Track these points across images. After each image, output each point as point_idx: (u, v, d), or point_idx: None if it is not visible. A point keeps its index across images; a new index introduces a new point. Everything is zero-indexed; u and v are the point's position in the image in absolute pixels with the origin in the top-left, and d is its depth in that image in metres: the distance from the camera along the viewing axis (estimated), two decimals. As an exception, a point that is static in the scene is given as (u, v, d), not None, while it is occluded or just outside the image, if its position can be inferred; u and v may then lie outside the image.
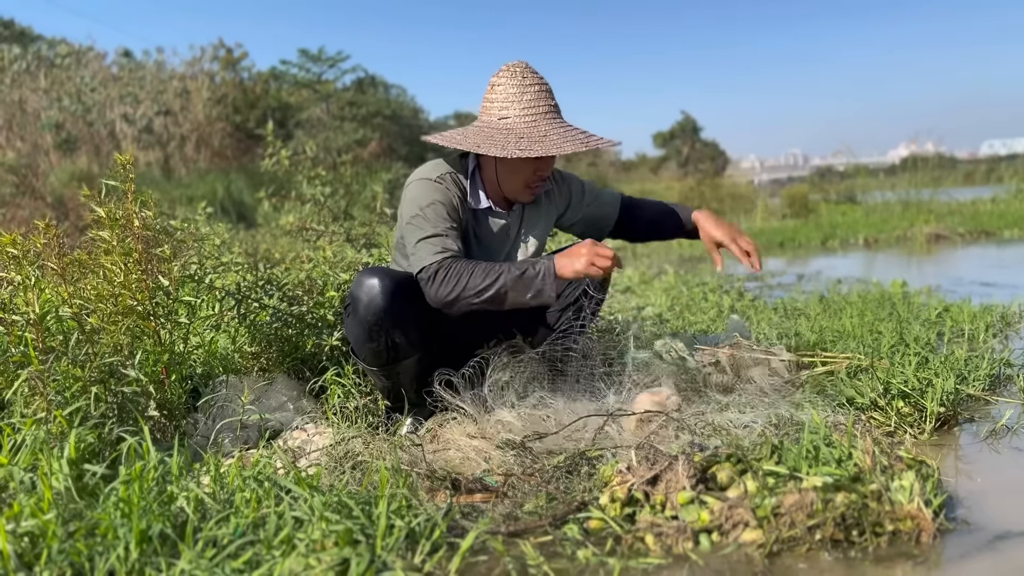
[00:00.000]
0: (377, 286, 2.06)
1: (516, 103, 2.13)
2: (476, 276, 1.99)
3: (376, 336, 2.10)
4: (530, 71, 2.16)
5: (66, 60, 18.59)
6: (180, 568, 1.29)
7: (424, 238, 2.07)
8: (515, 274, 2.00)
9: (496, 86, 2.16)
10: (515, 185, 2.22)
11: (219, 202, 12.15)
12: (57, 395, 1.83)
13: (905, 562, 1.41)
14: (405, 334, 2.12)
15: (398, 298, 2.07)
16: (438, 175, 2.19)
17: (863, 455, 1.58)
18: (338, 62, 25.81)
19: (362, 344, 2.12)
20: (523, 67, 2.16)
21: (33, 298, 1.89)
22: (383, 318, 2.07)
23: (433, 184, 2.17)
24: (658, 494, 1.59)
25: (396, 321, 2.09)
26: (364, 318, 2.07)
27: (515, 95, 2.13)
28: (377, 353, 2.13)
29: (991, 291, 4.74)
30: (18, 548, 1.38)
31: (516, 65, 2.17)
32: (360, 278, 2.10)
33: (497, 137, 2.09)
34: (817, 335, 3.11)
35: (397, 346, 2.13)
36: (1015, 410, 2.27)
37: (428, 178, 2.18)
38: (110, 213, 2.07)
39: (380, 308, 2.05)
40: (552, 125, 2.12)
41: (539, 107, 2.13)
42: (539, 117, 2.12)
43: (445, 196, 2.15)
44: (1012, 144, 63.48)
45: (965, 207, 11.84)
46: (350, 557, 1.33)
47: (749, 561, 1.42)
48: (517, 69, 2.16)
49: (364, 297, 2.06)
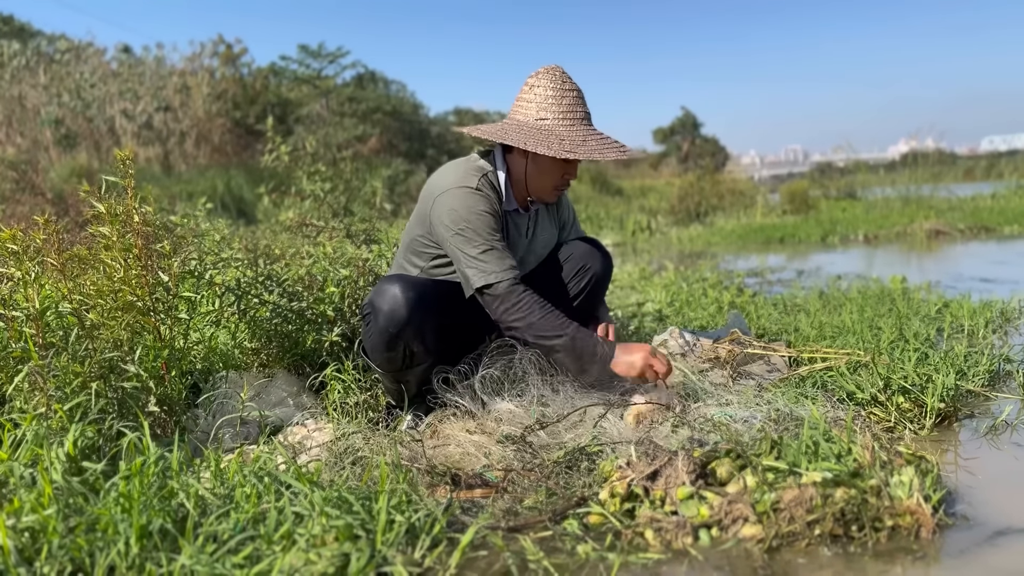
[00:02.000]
0: (400, 297, 2.08)
1: (555, 106, 2.18)
2: (545, 322, 2.07)
3: (395, 346, 2.12)
4: (567, 76, 2.22)
5: (66, 56, 18.56)
6: (181, 563, 1.29)
7: (484, 251, 2.11)
8: (577, 342, 2.07)
9: (535, 87, 2.20)
10: (544, 186, 2.28)
11: (219, 198, 12.14)
12: (57, 390, 1.83)
13: (904, 557, 1.41)
14: (423, 343, 2.15)
15: (419, 309, 2.10)
16: (478, 182, 2.20)
17: (863, 450, 1.58)
18: (338, 58, 25.79)
19: (380, 352, 2.15)
20: (561, 72, 2.22)
21: (33, 294, 1.89)
22: (404, 329, 2.09)
23: (475, 194, 2.18)
24: (658, 489, 1.59)
25: (416, 332, 2.12)
26: (385, 328, 2.09)
27: (554, 98, 2.18)
28: (392, 360, 2.16)
29: (991, 287, 4.74)
30: (19, 543, 1.38)
31: (555, 69, 2.22)
32: (382, 287, 2.12)
33: (540, 137, 2.14)
34: (817, 331, 3.11)
35: (414, 355, 2.16)
36: (1015, 406, 2.27)
37: (469, 186, 2.18)
38: (110, 209, 2.07)
39: (402, 319, 2.08)
40: (589, 131, 2.19)
41: (576, 112, 2.19)
42: (576, 122, 2.18)
43: (490, 206, 2.19)
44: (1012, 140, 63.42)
45: (965, 203, 11.84)
46: (350, 552, 1.33)
47: (748, 556, 1.43)
48: (556, 73, 2.21)
49: (385, 307, 2.08)
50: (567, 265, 2.46)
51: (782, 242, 9.26)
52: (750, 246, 9.06)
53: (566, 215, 2.59)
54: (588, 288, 2.44)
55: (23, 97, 16.02)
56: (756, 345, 2.68)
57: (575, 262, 2.46)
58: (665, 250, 9.13)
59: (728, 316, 3.53)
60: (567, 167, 2.24)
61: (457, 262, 2.15)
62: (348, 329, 2.71)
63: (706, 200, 14.12)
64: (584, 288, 2.44)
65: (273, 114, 17.91)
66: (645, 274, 6.11)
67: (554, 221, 2.54)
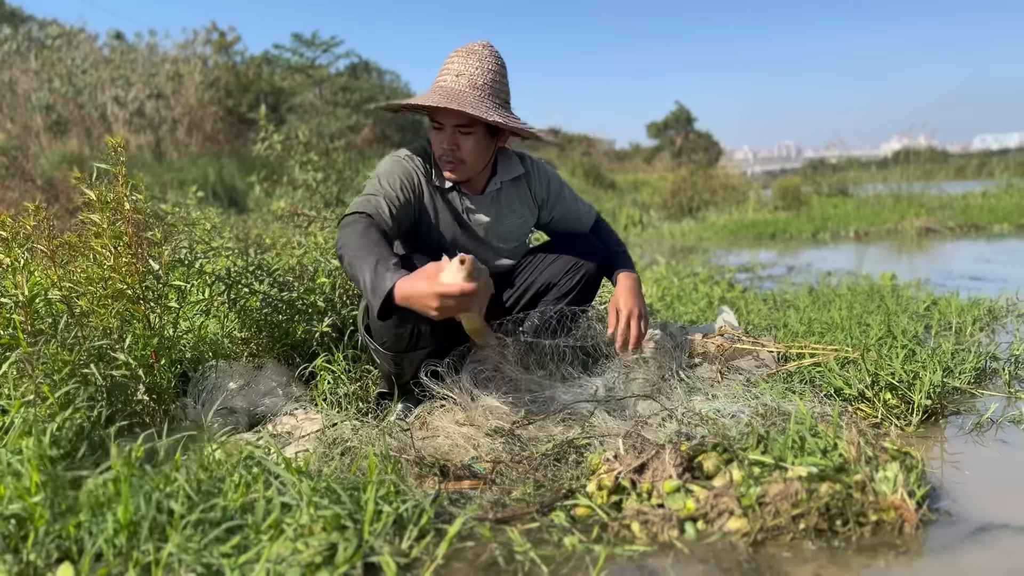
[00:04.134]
0: None
1: (442, 71, 2.19)
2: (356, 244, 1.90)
3: (406, 321, 2.07)
4: (477, 48, 2.19)
5: (57, 41, 18.41)
6: (168, 551, 1.29)
7: (371, 195, 2.12)
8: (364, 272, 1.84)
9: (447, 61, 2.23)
10: (437, 158, 2.25)
11: (210, 186, 12.07)
12: (46, 378, 1.83)
13: (888, 552, 1.42)
14: (431, 324, 2.13)
15: None
16: (406, 154, 2.27)
17: (848, 446, 1.59)
18: (332, 47, 25.65)
19: (389, 328, 2.10)
20: (473, 44, 2.20)
21: (22, 280, 1.88)
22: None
23: (395, 158, 2.25)
24: (645, 482, 1.60)
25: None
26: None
27: (445, 64, 2.20)
28: (400, 338, 2.12)
29: (980, 285, 4.77)
30: (5, 530, 1.38)
31: (475, 44, 2.20)
32: None
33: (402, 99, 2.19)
34: (806, 327, 3.13)
35: (421, 335, 2.13)
36: (1000, 403, 2.29)
37: (396, 155, 2.27)
38: (101, 196, 2.06)
39: None
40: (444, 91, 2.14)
41: (449, 71, 2.17)
42: (443, 81, 2.17)
43: (403, 168, 2.21)
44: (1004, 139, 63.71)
45: (956, 201, 11.89)
46: (338, 542, 1.34)
47: (733, 549, 1.44)
48: (467, 45, 2.20)
49: None
50: (559, 261, 2.42)
51: (773, 238, 9.29)
52: (742, 241, 9.08)
53: (543, 193, 2.46)
54: (580, 285, 2.41)
55: (14, 82, 15.90)
56: (745, 340, 2.69)
57: (567, 258, 2.42)
58: (657, 244, 9.14)
59: (718, 311, 3.54)
60: (437, 136, 2.19)
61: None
62: (339, 320, 2.71)
63: (699, 195, 14.14)
64: (576, 285, 2.41)
65: (266, 103, 17.81)
66: (636, 268, 6.11)
67: (528, 202, 2.44)
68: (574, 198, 2.56)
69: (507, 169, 2.39)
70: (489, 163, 2.31)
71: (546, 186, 2.47)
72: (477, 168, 2.25)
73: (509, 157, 2.42)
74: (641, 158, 34.85)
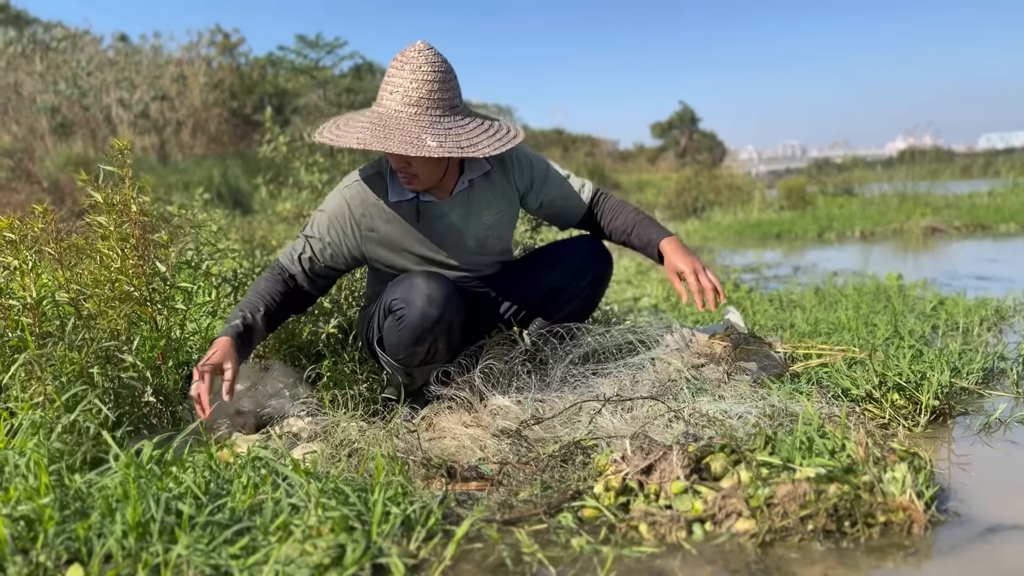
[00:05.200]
0: (436, 294, 2.07)
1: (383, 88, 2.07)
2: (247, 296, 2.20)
3: (423, 341, 2.11)
4: (418, 56, 2.03)
5: (62, 44, 18.47)
6: (177, 553, 1.30)
7: (301, 237, 2.25)
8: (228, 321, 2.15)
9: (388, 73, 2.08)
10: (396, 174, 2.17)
11: (215, 188, 12.11)
12: (54, 380, 1.83)
13: (896, 553, 1.42)
14: (448, 342, 2.15)
15: (451, 307, 2.09)
16: (346, 185, 2.24)
17: (856, 447, 1.59)
18: (336, 48, 25.70)
19: (406, 347, 2.13)
20: (416, 52, 2.03)
21: (30, 283, 1.89)
22: (436, 326, 2.08)
23: (337, 193, 2.25)
24: (652, 483, 1.60)
25: (447, 328, 2.11)
26: (418, 324, 2.07)
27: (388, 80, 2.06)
28: (416, 355, 2.15)
29: (986, 285, 4.76)
30: (14, 532, 1.38)
31: (410, 50, 2.04)
32: (414, 282, 2.10)
33: (340, 123, 2.12)
34: (812, 327, 3.12)
35: (438, 351, 2.16)
36: (1008, 403, 2.28)
37: (343, 184, 2.26)
38: (107, 198, 2.07)
39: (435, 317, 2.07)
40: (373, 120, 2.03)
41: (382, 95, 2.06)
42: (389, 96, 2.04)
43: (337, 205, 2.22)
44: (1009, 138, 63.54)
45: (962, 200, 11.85)
46: (346, 543, 1.34)
47: (742, 551, 1.44)
48: (409, 54, 2.03)
49: (420, 303, 2.06)
50: (567, 264, 2.40)
51: (779, 238, 9.27)
52: (747, 241, 9.07)
53: (525, 178, 2.35)
54: (587, 287, 2.40)
55: (19, 85, 15.96)
56: (752, 341, 2.69)
57: (576, 261, 2.40)
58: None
59: (724, 312, 3.54)
60: (392, 157, 2.09)
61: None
62: (344, 321, 2.71)
63: (703, 195, 14.12)
64: (584, 288, 2.40)
65: (270, 104, 17.85)
66: (642, 269, 6.12)
67: (506, 192, 2.34)
68: (562, 179, 2.41)
69: (475, 166, 2.27)
70: (449, 167, 2.21)
71: (528, 170, 2.36)
72: (435, 177, 2.16)
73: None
74: (645, 158, 34.85)
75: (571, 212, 2.45)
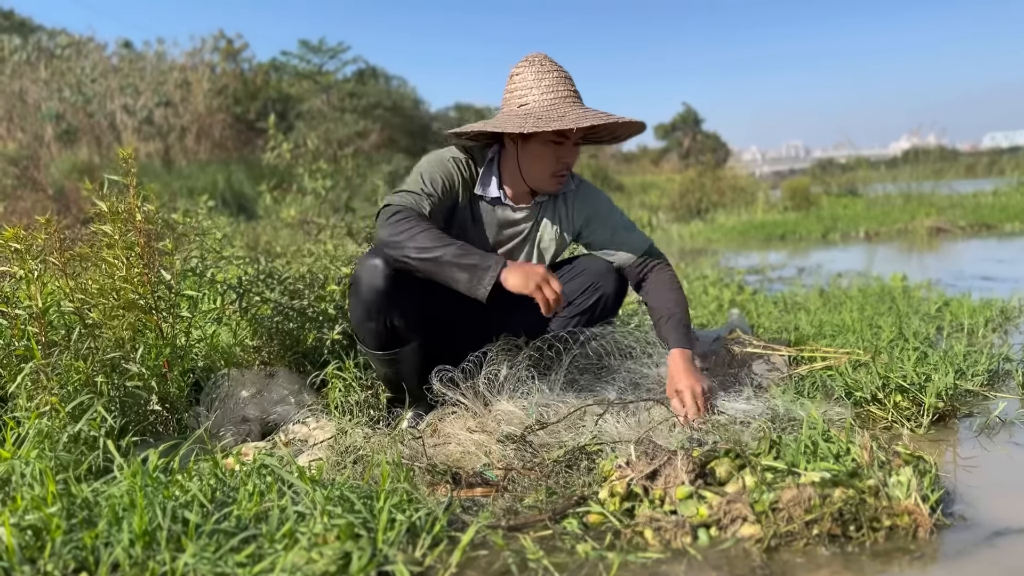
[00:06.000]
0: (380, 267, 2.07)
1: (535, 89, 2.14)
2: (427, 235, 1.98)
3: (375, 316, 2.11)
4: (549, 60, 2.19)
5: (66, 51, 18.54)
6: (184, 561, 1.30)
7: (404, 189, 2.13)
8: (462, 256, 1.96)
9: (515, 76, 2.18)
10: (540, 173, 2.20)
11: (220, 194, 12.13)
12: (60, 388, 1.84)
13: (902, 557, 1.42)
14: (404, 318, 2.14)
15: (397, 281, 2.08)
16: (452, 156, 2.25)
17: (861, 450, 1.59)
18: (339, 53, 25.72)
19: (362, 323, 2.15)
20: (542, 57, 2.19)
21: (36, 292, 1.90)
22: (382, 299, 2.09)
23: (440, 159, 2.23)
24: (657, 489, 1.60)
25: (395, 303, 2.11)
26: (365, 298, 2.09)
27: (534, 82, 2.15)
28: (376, 334, 2.15)
29: (991, 285, 4.75)
30: (22, 541, 1.39)
31: (535, 56, 2.19)
32: (364, 258, 2.12)
33: (515, 119, 2.11)
34: (817, 329, 3.12)
35: (396, 329, 2.14)
36: (1014, 405, 2.27)
37: (441, 155, 2.25)
38: (112, 207, 2.08)
39: (379, 289, 2.07)
40: (573, 107, 2.13)
41: (559, 91, 2.14)
42: (559, 100, 2.13)
43: (446, 169, 2.20)
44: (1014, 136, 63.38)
45: (967, 200, 11.84)
46: (352, 551, 1.34)
47: (747, 556, 1.44)
48: (536, 59, 2.18)
49: (365, 276, 2.08)
50: (580, 278, 2.36)
51: (783, 239, 9.26)
52: (751, 243, 9.07)
53: (585, 211, 2.36)
54: (592, 307, 2.35)
55: (24, 92, 16.03)
56: (756, 344, 2.69)
57: (587, 277, 2.36)
58: (666, 247, 9.12)
59: (729, 315, 3.54)
60: (559, 150, 2.15)
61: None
62: (349, 327, 2.72)
63: (707, 196, 14.12)
64: (590, 307, 2.35)
65: (274, 109, 17.90)
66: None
67: (567, 221, 2.36)
68: (624, 224, 2.38)
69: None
70: None
71: (592, 207, 2.36)
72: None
73: None
74: (649, 160, 34.84)
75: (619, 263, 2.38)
